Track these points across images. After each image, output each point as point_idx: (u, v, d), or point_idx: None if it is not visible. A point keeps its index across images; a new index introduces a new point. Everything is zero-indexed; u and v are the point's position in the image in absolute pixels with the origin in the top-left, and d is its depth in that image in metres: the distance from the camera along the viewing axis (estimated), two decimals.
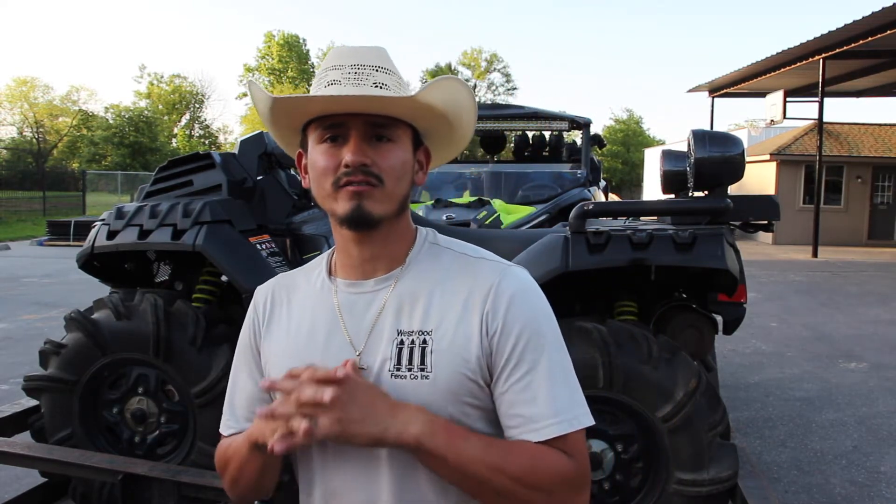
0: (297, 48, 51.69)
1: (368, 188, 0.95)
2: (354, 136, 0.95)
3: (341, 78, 0.96)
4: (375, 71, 0.97)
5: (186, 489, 2.39)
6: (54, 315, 7.59)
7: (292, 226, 2.99)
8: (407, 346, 0.96)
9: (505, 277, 0.99)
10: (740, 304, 2.83)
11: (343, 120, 0.95)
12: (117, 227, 2.81)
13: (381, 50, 1.01)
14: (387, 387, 0.94)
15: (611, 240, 2.51)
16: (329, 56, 1.00)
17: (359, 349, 0.98)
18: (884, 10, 11.79)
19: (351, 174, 0.94)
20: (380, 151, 0.96)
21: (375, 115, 0.95)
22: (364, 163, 0.94)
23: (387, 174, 0.96)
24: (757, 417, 4.71)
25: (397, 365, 0.96)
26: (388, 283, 1.01)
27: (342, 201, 0.96)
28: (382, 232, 1.00)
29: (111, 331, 2.75)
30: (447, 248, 1.05)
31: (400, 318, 0.98)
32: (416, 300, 0.99)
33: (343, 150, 0.95)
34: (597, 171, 5.16)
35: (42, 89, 43.27)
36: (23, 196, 26.97)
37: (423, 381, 0.94)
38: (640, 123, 48.09)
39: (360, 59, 0.97)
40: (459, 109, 1.02)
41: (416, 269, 1.02)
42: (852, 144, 20.21)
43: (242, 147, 3.06)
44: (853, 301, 9.71)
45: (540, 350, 0.96)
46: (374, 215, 0.96)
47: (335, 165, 0.95)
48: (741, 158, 2.69)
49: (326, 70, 0.98)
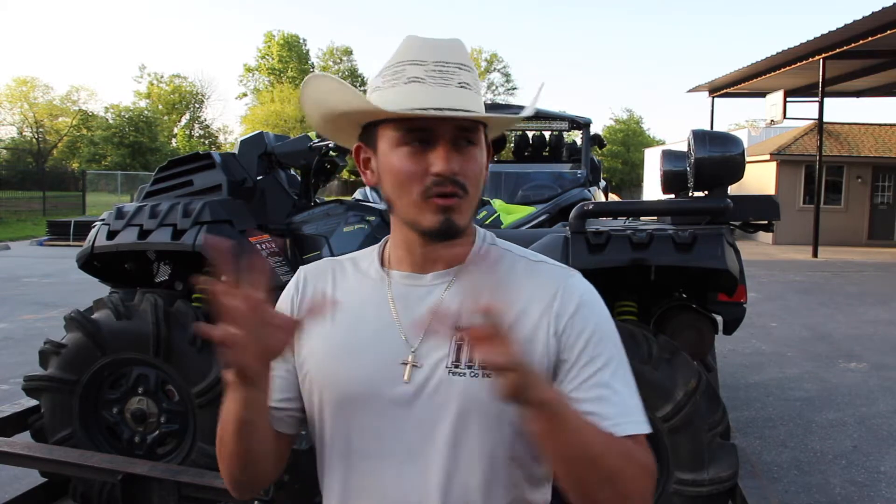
0: (297, 48, 51.68)
1: (456, 200, 0.91)
2: (444, 143, 0.90)
3: (425, 76, 0.90)
4: (459, 69, 0.91)
5: (186, 489, 2.39)
6: (54, 315, 7.58)
7: (292, 226, 2.99)
8: (467, 343, 0.90)
9: (571, 281, 0.98)
10: (740, 304, 2.83)
11: (431, 124, 0.90)
12: (117, 227, 2.81)
13: (460, 44, 0.95)
14: (443, 383, 0.92)
15: (611, 240, 2.51)
16: (405, 47, 0.93)
17: (413, 342, 0.95)
18: (884, 10, 11.79)
19: (441, 184, 0.90)
20: (465, 157, 0.92)
21: (465, 118, 0.90)
22: (456, 172, 0.90)
23: (472, 182, 0.93)
24: (757, 417, 4.71)
25: (455, 361, 0.92)
26: (447, 278, 0.98)
27: (429, 213, 0.91)
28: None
29: (111, 331, 2.75)
30: (507, 251, 1.03)
31: (459, 315, 0.95)
32: (476, 298, 0.95)
33: (430, 155, 0.90)
34: (597, 171, 5.17)
35: (42, 89, 43.33)
36: (23, 196, 26.96)
37: (483, 380, 0.90)
38: (640, 123, 48.10)
39: (443, 56, 0.91)
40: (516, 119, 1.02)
41: (474, 268, 0.99)
42: (852, 144, 20.21)
43: (242, 147, 3.06)
44: (853, 301, 9.71)
45: (608, 352, 0.94)
46: (460, 228, 0.93)
47: (422, 172, 0.90)
48: (741, 158, 2.69)
49: (404, 64, 0.91)
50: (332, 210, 2.98)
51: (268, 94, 46.25)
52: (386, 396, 0.94)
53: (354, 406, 0.95)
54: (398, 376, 0.94)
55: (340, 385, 0.96)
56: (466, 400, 0.91)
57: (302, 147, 3.03)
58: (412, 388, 0.93)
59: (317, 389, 0.99)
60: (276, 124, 39.01)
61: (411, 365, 0.94)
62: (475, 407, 0.91)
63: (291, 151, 3.04)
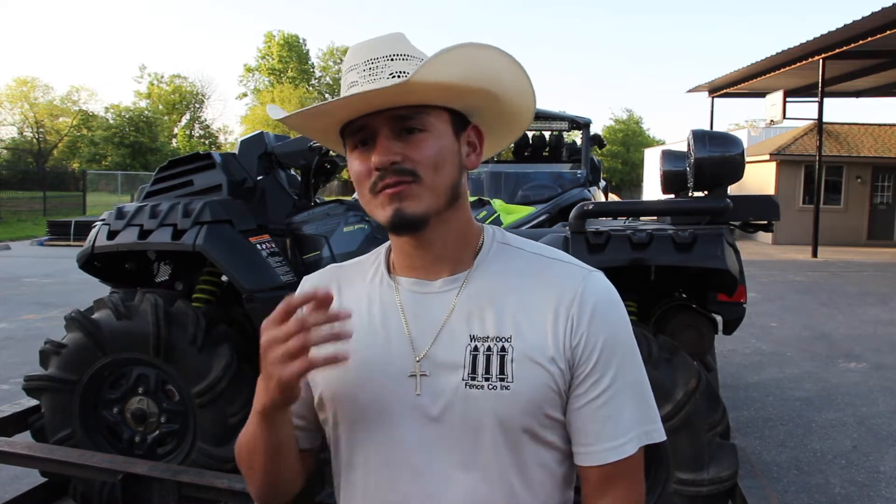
0: (297, 48, 51.68)
1: (404, 187, 0.87)
2: (380, 136, 0.88)
3: (358, 78, 0.89)
4: (390, 60, 0.89)
5: (186, 489, 2.39)
6: (55, 315, 7.58)
7: (292, 226, 2.99)
8: (483, 353, 0.88)
9: (588, 284, 0.92)
10: (740, 304, 2.83)
11: (366, 122, 0.88)
12: (118, 227, 2.82)
13: (396, 36, 0.92)
14: (460, 397, 0.88)
15: (610, 240, 2.51)
16: (346, 57, 0.94)
17: (420, 352, 0.91)
18: (884, 10, 11.79)
19: (383, 176, 0.87)
20: (411, 144, 0.88)
21: (398, 108, 0.87)
22: (393, 161, 0.87)
23: (422, 166, 0.87)
24: (757, 417, 4.71)
25: (472, 374, 0.88)
26: (457, 283, 0.93)
27: (381, 208, 0.89)
28: (437, 231, 0.92)
29: (111, 331, 2.75)
30: (519, 249, 0.97)
31: (471, 322, 0.90)
32: (488, 303, 0.91)
33: (373, 152, 0.89)
34: (597, 171, 5.16)
35: (42, 89, 43.34)
36: (23, 196, 26.95)
37: (502, 392, 0.87)
38: (640, 123, 48.08)
39: (372, 53, 0.90)
40: (494, 75, 0.90)
41: (486, 270, 0.94)
42: (852, 144, 20.21)
43: (242, 147, 3.06)
44: (853, 301, 9.70)
45: (620, 364, 0.91)
46: (417, 215, 0.88)
47: (368, 170, 0.89)
48: (741, 158, 2.69)
49: (345, 73, 0.92)
50: (332, 210, 2.98)
51: (268, 95, 46.27)
52: (398, 409, 0.91)
53: (368, 420, 0.92)
54: (409, 389, 0.90)
55: (353, 399, 0.93)
56: (486, 413, 0.88)
57: (302, 147, 3.03)
58: (426, 400, 0.90)
59: (329, 403, 0.97)
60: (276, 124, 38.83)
61: (420, 376, 0.90)
62: (496, 420, 0.88)
63: (291, 151, 3.04)
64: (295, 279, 2.82)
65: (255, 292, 2.64)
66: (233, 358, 2.67)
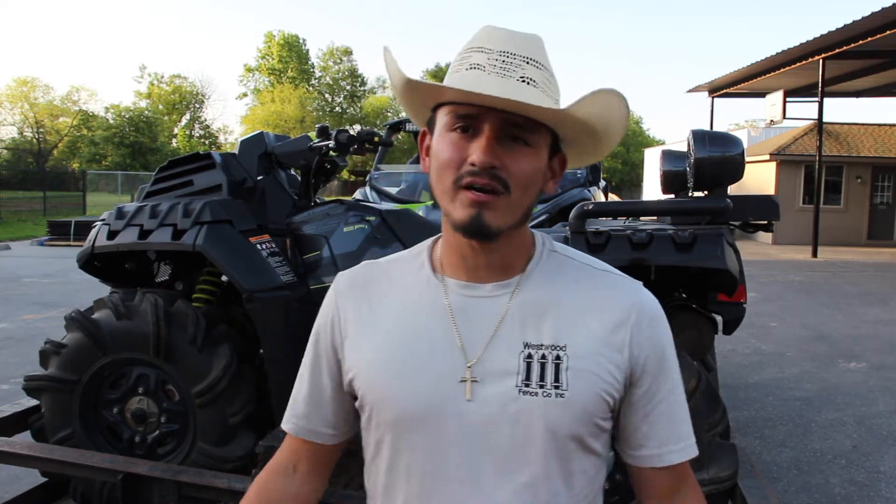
0: (297, 48, 51.67)
1: (491, 197, 0.84)
2: (487, 133, 0.84)
3: (486, 63, 0.85)
4: (525, 63, 0.85)
5: (186, 489, 2.39)
6: (55, 315, 7.59)
7: (292, 226, 2.99)
8: (537, 360, 0.88)
9: (643, 297, 0.95)
10: (740, 304, 2.83)
11: (479, 112, 0.84)
12: (118, 227, 2.81)
13: (536, 39, 0.89)
14: (513, 403, 0.87)
15: (610, 240, 2.51)
16: (477, 34, 0.89)
17: (472, 358, 0.89)
18: (884, 10, 11.79)
19: (476, 174, 0.84)
20: (512, 154, 0.85)
21: (516, 114, 0.84)
22: (493, 164, 0.84)
23: (515, 181, 0.85)
24: (757, 417, 4.71)
25: (526, 380, 0.87)
26: (508, 289, 0.92)
27: (461, 205, 0.86)
28: (500, 242, 0.90)
29: (111, 331, 2.75)
30: (569, 258, 0.98)
31: (525, 328, 0.89)
32: (542, 311, 0.90)
33: (472, 144, 0.85)
34: (597, 171, 5.16)
35: (42, 89, 43.39)
36: (23, 196, 26.95)
37: (557, 400, 0.87)
38: (640, 123, 48.11)
39: (510, 47, 0.85)
40: (610, 122, 0.90)
41: (538, 278, 0.93)
42: (852, 144, 20.21)
43: (242, 147, 3.06)
44: (853, 301, 9.70)
45: (671, 375, 0.95)
46: (492, 228, 0.86)
47: (461, 160, 0.85)
48: (741, 158, 2.69)
49: (471, 51, 0.87)
50: (332, 210, 2.98)
51: (268, 95, 46.26)
52: (448, 415, 0.88)
53: (413, 426, 0.90)
54: (460, 394, 0.88)
55: (398, 404, 0.91)
56: (539, 420, 0.87)
57: (302, 147, 3.03)
58: (476, 406, 0.88)
59: (370, 407, 0.94)
60: (277, 124, 39.05)
61: (471, 381, 0.88)
62: (548, 427, 0.87)
63: (291, 151, 3.04)
64: (295, 279, 2.82)
65: (255, 292, 2.64)
66: (233, 358, 2.67)
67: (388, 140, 3.81)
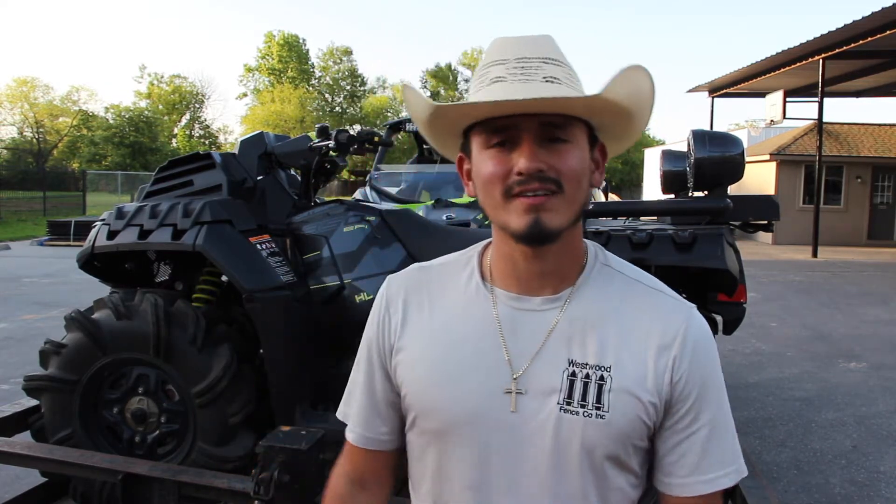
0: (297, 48, 51.66)
1: (546, 198, 0.84)
2: (527, 140, 0.84)
3: (506, 74, 0.85)
4: (544, 63, 0.85)
5: (186, 489, 2.39)
6: (54, 315, 7.59)
7: (292, 226, 2.99)
8: (581, 379, 0.87)
9: (692, 321, 0.92)
10: (740, 304, 2.83)
11: (514, 122, 0.84)
12: (117, 227, 2.81)
13: (548, 38, 0.89)
14: (553, 420, 0.87)
15: (610, 240, 2.51)
16: (490, 49, 0.89)
17: (517, 371, 0.89)
18: (884, 10, 11.79)
19: (525, 182, 0.83)
20: (556, 154, 0.85)
21: (550, 114, 0.84)
22: (540, 168, 0.83)
23: (567, 178, 0.85)
24: (757, 417, 4.71)
25: (568, 399, 0.87)
26: (558, 303, 0.91)
27: (516, 214, 0.85)
28: (555, 247, 0.89)
29: (111, 331, 2.75)
30: (619, 272, 0.96)
31: (571, 346, 0.89)
32: (589, 329, 0.90)
33: (514, 154, 0.85)
34: None
35: (42, 89, 43.40)
36: (23, 196, 26.95)
37: (597, 420, 0.86)
38: None
39: (525, 52, 0.86)
40: (642, 100, 0.89)
41: (587, 292, 0.92)
42: (852, 144, 20.21)
43: (242, 147, 3.06)
44: (853, 301, 9.70)
45: (717, 402, 0.92)
46: (553, 229, 0.85)
47: (505, 172, 0.85)
48: (741, 158, 2.69)
49: (488, 66, 0.87)
50: (332, 210, 2.98)
51: (268, 95, 46.26)
52: (492, 426, 0.89)
53: (458, 434, 0.91)
54: (505, 405, 0.89)
55: (443, 413, 0.92)
56: (578, 439, 0.87)
57: (302, 147, 3.03)
58: (520, 418, 0.88)
59: (415, 413, 0.96)
60: (277, 124, 39.06)
61: (516, 393, 0.88)
62: (587, 447, 0.87)
63: (291, 151, 3.04)
64: (295, 279, 2.82)
65: (255, 292, 2.64)
66: (233, 358, 2.67)
67: (388, 140, 3.81)
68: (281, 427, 2.20)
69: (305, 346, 2.76)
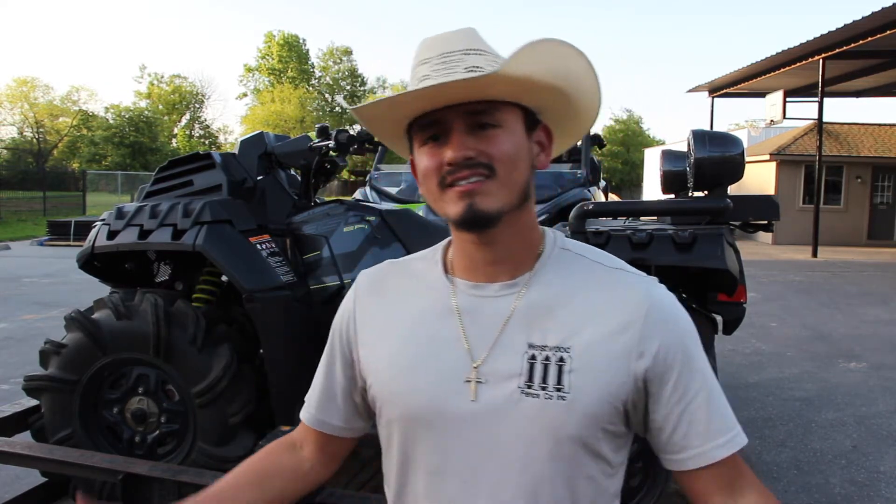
0: (297, 48, 51.69)
1: (478, 183, 0.85)
2: (455, 130, 0.86)
3: (430, 71, 0.87)
4: (465, 55, 0.87)
5: (187, 489, 2.39)
6: (55, 315, 7.59)
7: (292, 226, 2.99)
8: (540, 361, 0.87)
9: (653, 294, 0.91)
10: (740, 303, 2.83)
11: (439, 116, 0.87)
12: (117, 227, 2.81)
13: (469, 31, 0.91)
14: (514, 404, 0.87)
15: (610, 240, 2.51)
16: (417, 51, 0.91)
17: (477, 358, 0.89)
18: (884, 10, 11.79)
19: (455, 171, 0.86)
20: (486, 139, 0.86)
21: (474, 102, 0.86)
22: (467, 156, 0.85)
23: (499, 162, 0.86)
24: (757, 417, 4.71)
25: (529, 382, 0.87)
26: (516, 289, 0.91)
27: (452, 203, 0.87)
28: (504, 231, 0.89)
29: (111, 331, 2.75)
30: (580, 255, 0.95)
31: (531, 330, 0.89)
32: (549, 311, 0.90)
33: (445, 147, 0.87)
34: (597, 171, 5.17)
35: (42, 89, 43.43)
36: (23, 196, 26.95)
37: (558, 402, 0.86)
38: (640, 123, 48.10)
39: (446, 47, 0.88)
40: (571, 74, 0.89)
41: (546, 276, 0.92)
42: (852, 144, 20.21)
43: (242, 147, 3.06)
44: (853, 301, 9.70)
45: (698, 368, 0.90)
46: (490, 212, 0.86)
47: (438, 165, 0.87)
48: (741, 158, 2.69)
49: (416, 67, 0.90)
50: (332, 210, 2.98)
51: (268, 95, 46.27)
52: (452, 415, 0.89)
53: (419, 423, 0.92)
54: (465, 394, 0.89)
55: (404, 402, 0.93)
56: (540, 423, 0.86)
57: (302, 147, 3.03)
58: (480, 406, 0.88)
59: (380, 403, 0.97)
60: (276, 124, 39.07)
61: (476, 382, 0.89)
62: (549, 430, 0.87)
63: (291, 151, 3.04)
64: (295, 279, 2.82)
65: (255, 292, 2.64)
66: (233, 358, 2.67)
67: None
68: (281, 427, 2.20)
69: (305, 346, 2.76)
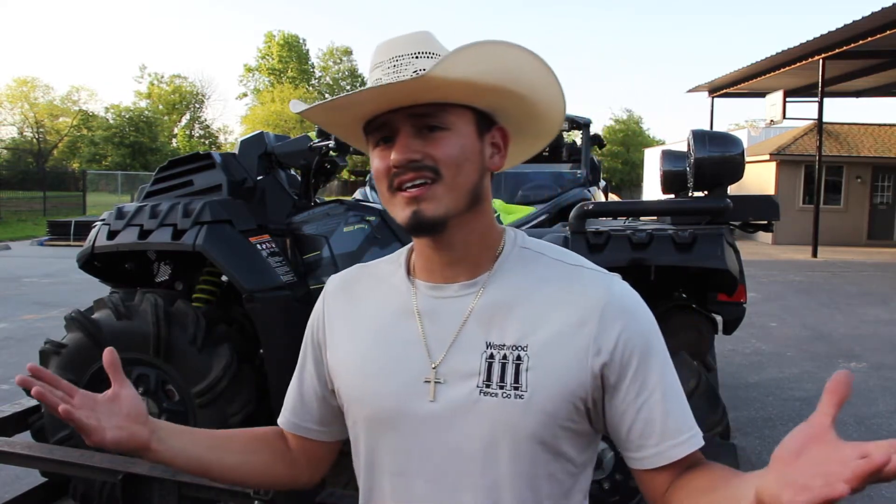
0: (297, 48, 51.70)
1: (424, 188, 0.85)
2: (401, 133, 0.87)
3: (382, 75, 0.88)
4: (415, 58, 0.87)
5: (186, 489, 2.39)
6: (55, 315, 7.59)
7: (292, 226, 2.99)
8: (498, 360, 0.87)
9: (612, 290, 0.90)
10: (740, 303, 2.84)
11: (388, 119, 0.87)
12: (118, 227, 2.82)
13: (423, 34, 0.91)
14: (473, 404, 0.87)
15: (610, 240, 2.51)
16: (372, 55, 0.92)
17: (436, 358, 0.90)
18: (884, 10, 11.79)
19: (400, 174, 0.86)
20: (432, 142, 0.86)
21: (420, 105, 0.86)
22: (411, 159, 0.85)
23: (444, 165, 0.85)
24: (757, 417, 4.71)
25: (487, 381, 0.87)
26: (474, 289, 0.91)
27: (399, 209, 0.87)
28: (458, 233, 0.90)
29: (111, 331, 2.75)
30: (540, 254, 0.95)
31: (489, 329, 0.89)
32: (507, 311, 0.89)
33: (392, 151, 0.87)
34: (597, 171, 5.16)
35: (42, 89, 43.42)
36: (23, 196, 26.95)
37: (516, 401, 0.86)
38: (640, 123, 48.08)
39: (398, 50, 0.88)
40: (524, 77, 0.88)
41: (506, 275, 0.92)
42: (852, 144, 20.21)
43: (242, 147, 3.06)
44: (853, 301, 9.70)
45: (657, 365, 0.89)
46: (435, 218, 0.86)
47: (387, 167, 0.87)
48: (741, 158, 2.70)
49: (371, 70, 0.91)
50: (332, 210, 2.98)
51: (268, 95, 46.27)
52: (413, 416, 0.90)
53: (382, 425, 0.93)
54: (424, 395, 0.89)
55: (368, 404, 0.94)
56: (498, 421, 0.86)
57: (302, 147, 3.03)
58: (440, 407, 0.88)
59: (346, 405, 0.98)
60: (277, 124, 39.03)
61: (434, 382, 0.89)
62: (508, 429, 0.86)
63: (291, 151, 3.04)
64: (295, 279, 2.82)
65: (255, 292, 2.65)
66: (233, 358, 2.67)
67: None
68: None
69: None
